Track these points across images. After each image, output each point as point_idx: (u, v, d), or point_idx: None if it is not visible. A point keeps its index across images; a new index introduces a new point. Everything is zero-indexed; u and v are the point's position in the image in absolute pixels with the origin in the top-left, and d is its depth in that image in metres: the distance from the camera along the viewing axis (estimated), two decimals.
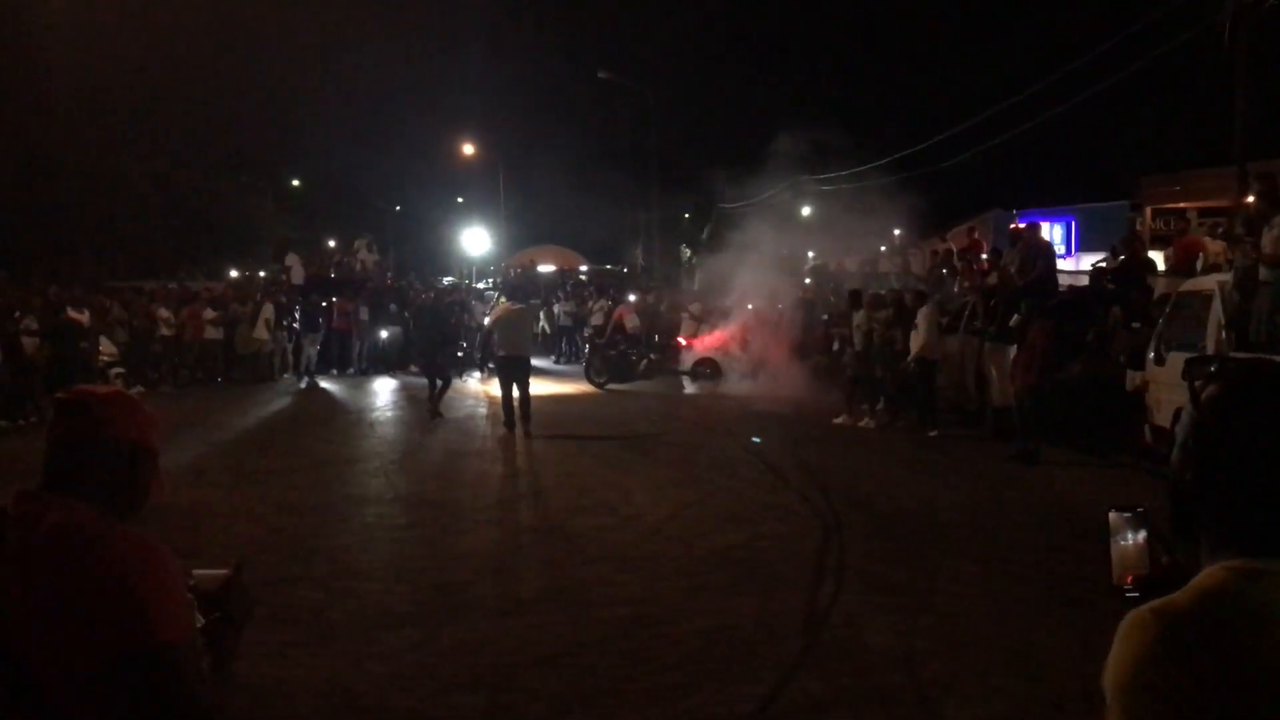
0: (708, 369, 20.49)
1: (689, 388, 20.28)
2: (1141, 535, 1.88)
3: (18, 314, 15.82)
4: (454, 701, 5.19)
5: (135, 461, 2.13)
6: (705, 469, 11.57)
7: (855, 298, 16.23)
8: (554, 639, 6.01)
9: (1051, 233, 24.76)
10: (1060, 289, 15.63)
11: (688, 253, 39.70)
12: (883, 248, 26.78)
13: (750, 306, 21.00)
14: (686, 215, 36.63)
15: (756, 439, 13.48)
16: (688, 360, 21.09)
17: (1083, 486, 10.46)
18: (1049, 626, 6.25)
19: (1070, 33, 31.14)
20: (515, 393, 13.84)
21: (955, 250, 22.03)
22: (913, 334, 14.24)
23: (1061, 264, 20.36)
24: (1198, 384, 1.44)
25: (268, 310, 21.86)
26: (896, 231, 28.40)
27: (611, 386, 20.36)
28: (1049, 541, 8.36)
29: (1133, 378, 11.97)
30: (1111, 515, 1.92)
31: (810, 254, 29.81)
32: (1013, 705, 5.14)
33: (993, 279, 16.07)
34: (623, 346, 21.56)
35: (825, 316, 19.57)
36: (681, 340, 21.90)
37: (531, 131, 22.14)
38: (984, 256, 19.15)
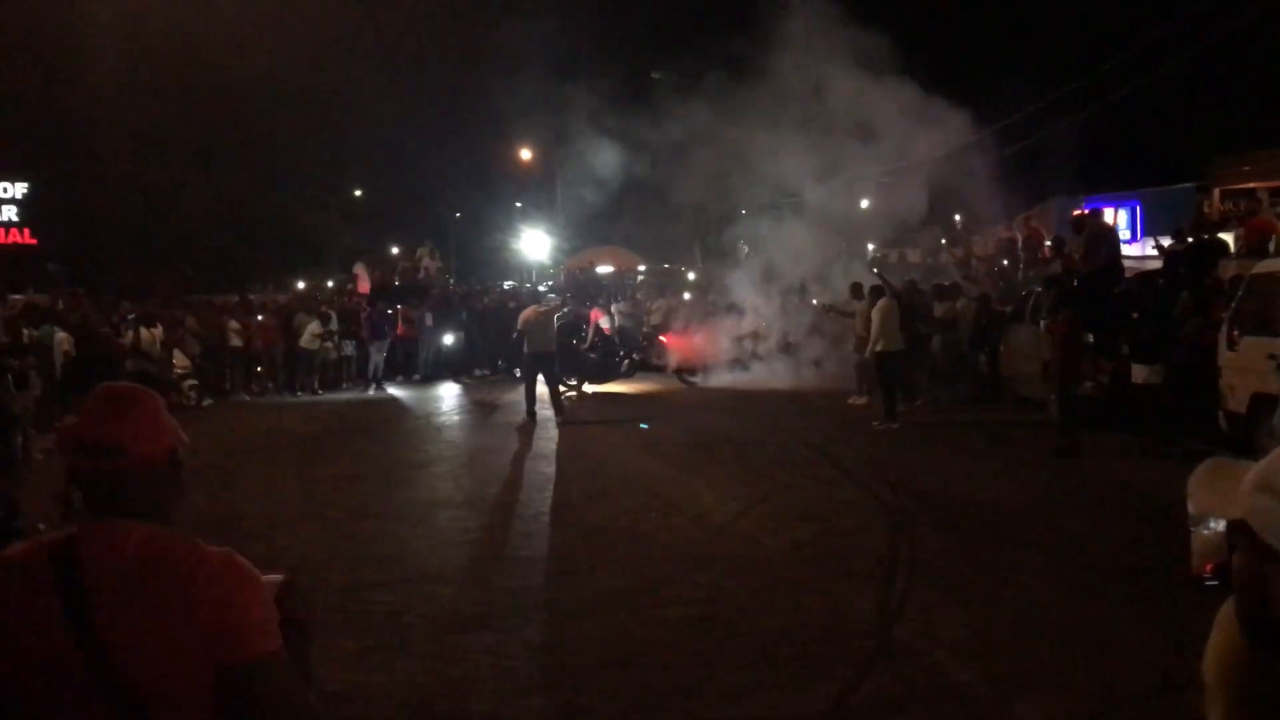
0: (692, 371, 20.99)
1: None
2: (1221, 523, 1.83)
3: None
4: (528, 704, 5.26)
5: (174, 464, 2.14)
6: (770, 466, 11.55)
7: (856, 289, 16.95)
8: (626, 640, 6.06)
9: (1116, 218, 24.30)
10: (1126, 275, 15.38)
11: (745, 249, 39.49)
12: (944, 240, 26.49)
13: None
14: (743, 211, 36.53)
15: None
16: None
17: (1150, 475, 10.29)
18: (1124, 618, 6.18)
19: (1133, 12, 30.54)
20: (541, 387, 15.62)
21: (1020, 238, 21.76)
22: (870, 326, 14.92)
23: (1127, 249, 19.99)
24: None
25: (329, 320, 22.23)
26: (957, 217, 28.06)
27: (596, 388, 19.97)
28: (1120, 532, 8.25)
29: (1137, 371, 11.88)
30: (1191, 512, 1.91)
31: (870, 246, 29.56)
32: (1090, 700, 5.09)
33: (1056, 267, 15.89)
34: (601, 348, 21.03)
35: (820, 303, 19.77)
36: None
37: (588, 132, 22.22)
38: (1045, 244, 18.91)
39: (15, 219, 28.83)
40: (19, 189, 29.04)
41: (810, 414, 15.78)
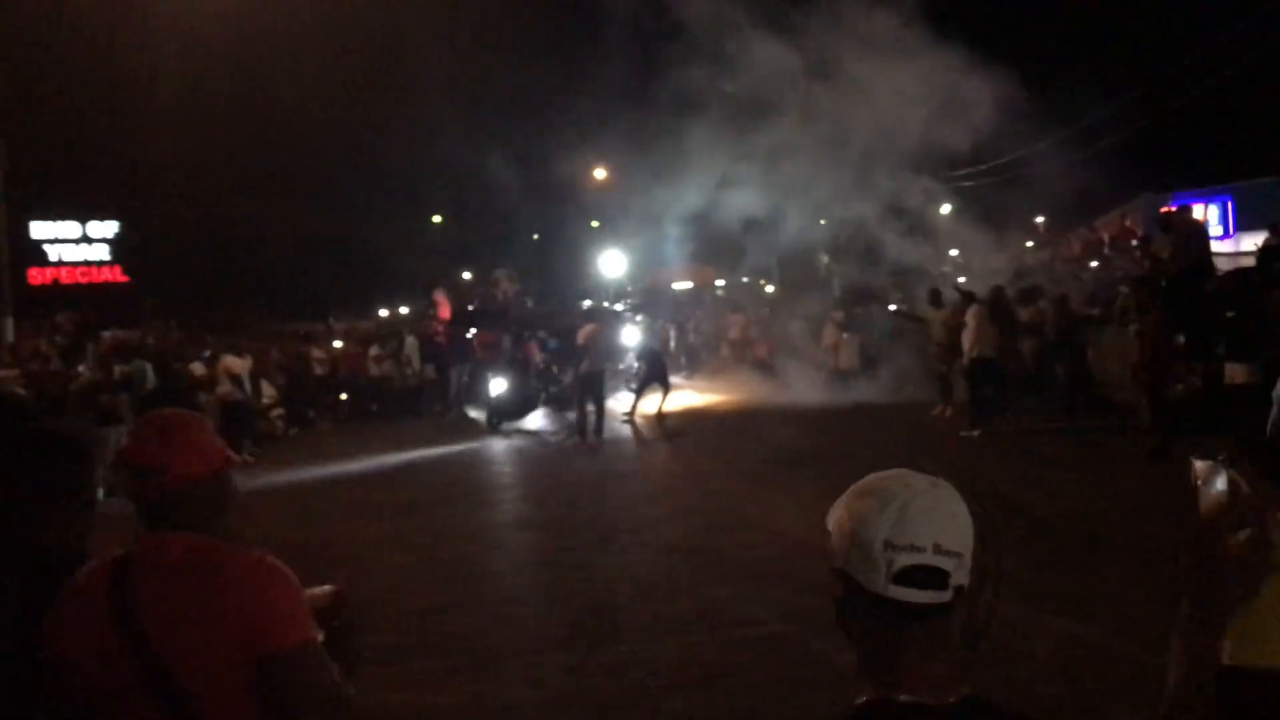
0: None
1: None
2: (1223, 479, 2.09)
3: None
4: None
5: (219, 482, 2.27)
6: (851, 480, 11.32)
7: (935, 296, 16.60)
8: (706, 659, 6.01)
9: (1206, 214, 23.62)
10: (1218, 273, 14.91)
11: (825, 259, 39.21)
12: (1029, 242, 26.05)
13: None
14: (821, 221, 36.30)
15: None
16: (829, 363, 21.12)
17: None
18: None
19: (1219, 2, 29.75)
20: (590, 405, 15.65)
21: (1106, 239, 21.28)
22: (964, 333, 14.51)
23: (1218, 246, 19.41)
24: None
25: (409, 345, 22.60)
26: (1039, 220, 27.56)
27: (508, 425, 18.53)
28: None
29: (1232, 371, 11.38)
30: (1196, 464, 2.12)
31: (952, 252, 29.15)
32: None
33: (1145, 267, 15.47)
34: (518, 383, 19.42)
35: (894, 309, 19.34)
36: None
37: (662, 148, 22.29)
38: (1134, 244, 18.44)
39: (108, 257, 29.83)
40: (110, 228, 30.04)
41: (892, 426, 15.53)
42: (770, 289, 36.37)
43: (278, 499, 11.52)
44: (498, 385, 18.76)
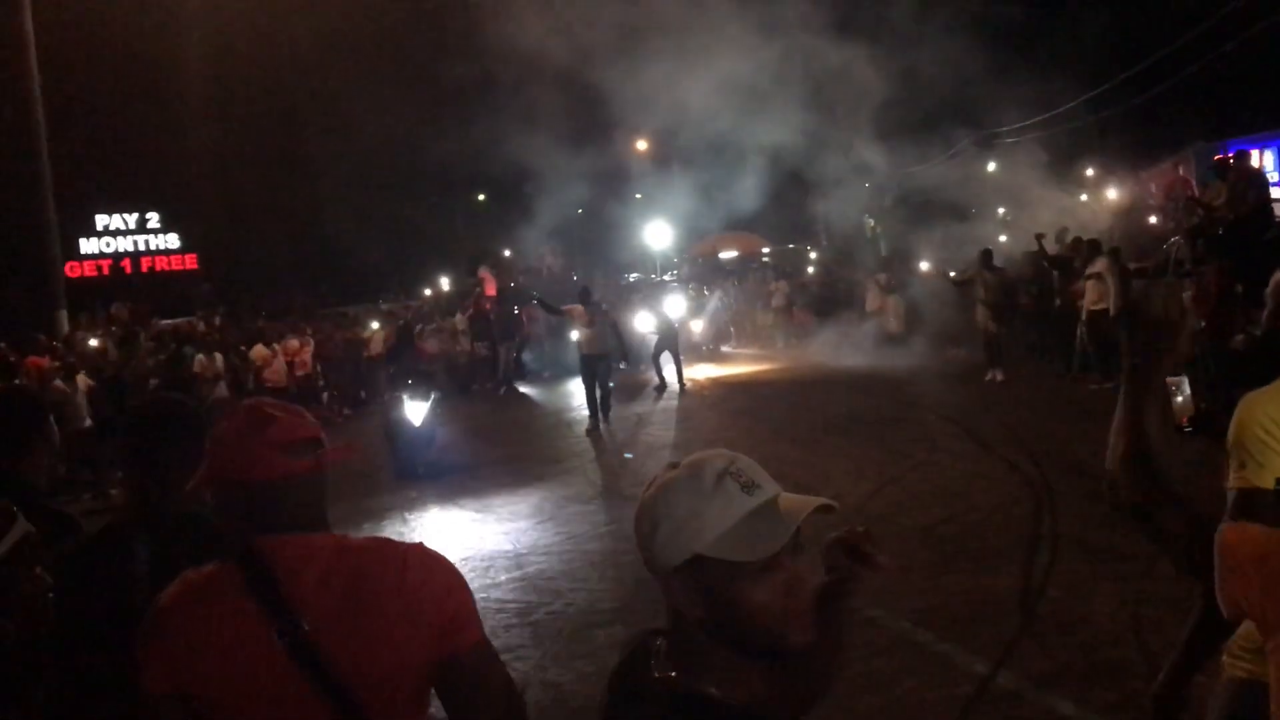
0: None
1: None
2: (1187, 390, 3.33)
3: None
4: None
5: (321, 471, 2.09)
6: (904, 443, 11.26)
7: (987, 258, 16.04)
8: None
9: (1262, 160, 22.96)
10: (1277, 221, 14.49)
11: (871, 222, 38.81)
12: (1083, 195, 25.52)
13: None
14: (866, 185, 35.92)
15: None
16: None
17: None
18: None
19: None
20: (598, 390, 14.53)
21: (1154, 188, 20.79)
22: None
23: (1277, 193, 18.87)
24: None
25: (458, 323, 22.71)
26: (1089, 172, 27.03)
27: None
28: None
29: None
30: (1167, 380, 2.44)
31: (1000, 210, 28.72)
32: None
33: (1199, 216, 15.05)
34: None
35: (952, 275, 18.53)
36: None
37: (704, 116, 22.10)
38: (1190, 194, 17.97)
39: (178, 245, 30.37)
40: (166, 217, 30.51)
41: (947, 388, 15.30)
42: (815, 255, 36.07)
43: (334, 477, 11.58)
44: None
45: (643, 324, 19.10)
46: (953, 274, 17.74)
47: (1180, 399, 3.51)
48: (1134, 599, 5.80)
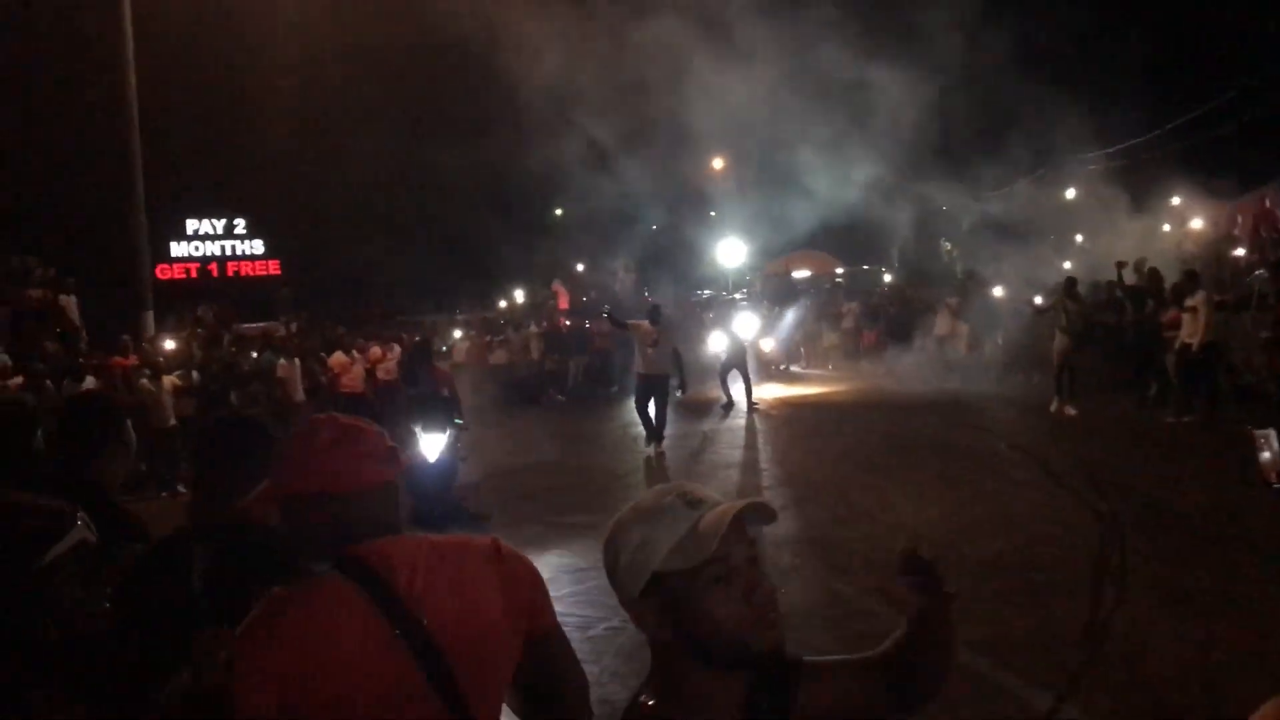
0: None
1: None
2: (1276, 444, 2.49)
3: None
4: None
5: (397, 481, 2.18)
6: (970, 470, 11.15)
7: (1071, 286, 15.61)
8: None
9: None
10: None
11: (947, 245, 38.45)
12: (1166, 226, 25.04)
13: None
14: (944, 208, 35.58)
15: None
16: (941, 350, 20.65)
17: None
18: None
19: None
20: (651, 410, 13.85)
21: (1239, 219, 20.34)
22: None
23: None
24: None
25: (528, 334, 23.02)
26: (1175, 201, 26.51)
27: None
28: None
29: None
30: (1254, 433, 2.45)
31: (1079, 237, 28.31)
32: None
33: None
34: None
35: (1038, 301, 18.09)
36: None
37: (781, 137, 22.12)
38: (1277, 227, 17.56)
39: (262, 251, 31.19)
40: (251, 223, 31.34)
41: (1016, 416, 15.11)
42: (889, 277, 35.81)
43: None
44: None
45: (715, 343, 19.02)
46: (1037, 300, 17.43)
47: (1268, 454, 3.26)
48: (1203, 642, 5.70)
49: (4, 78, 23.70)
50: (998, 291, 22.50)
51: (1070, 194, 30.11)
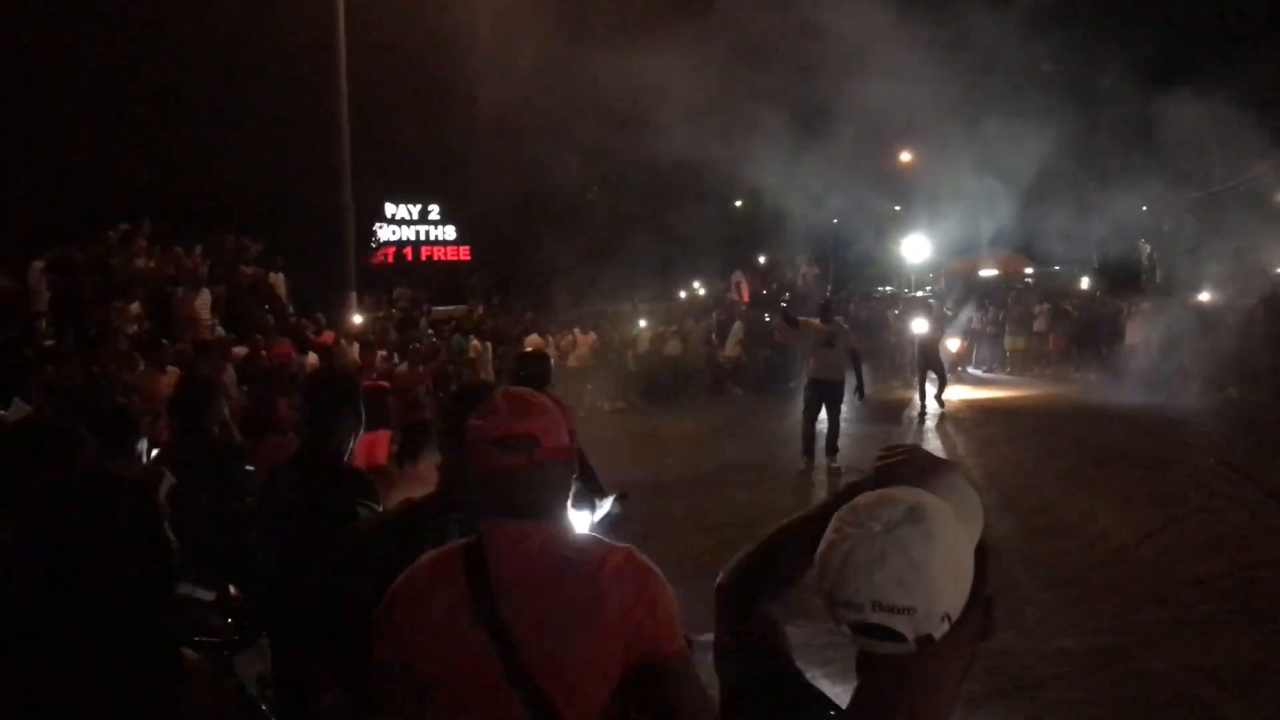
0: None
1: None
2: None
3: None
4: None
5: (573, 461, 2.18)
6: (1178, 485, 10.59)
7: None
8: (1017, 668, 5.78)
9: None
10: None
11: (1147, 248, 36.61)
12: None
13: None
14: (1144, 207, 33.88)
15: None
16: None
17: None
18: None
19: None
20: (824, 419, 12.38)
21: None
22: None
23: None
24: None
25: (709, 325, 23.14)
26: None
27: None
28: None
29: None
30: None
31: None
32: None
33: None
34: None
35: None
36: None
37: (971, 131, 21.47)
38: None
39: (454, 237, 32.33)
40: (447, 210, 32.51)
41: (1226, 431, 14.21)
42: (1086, 280, 34.32)
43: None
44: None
45: (918, 326, 18.51)
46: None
47: None
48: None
49: (229, 74, 25.07)
50: (1203, 297, 21.34)
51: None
